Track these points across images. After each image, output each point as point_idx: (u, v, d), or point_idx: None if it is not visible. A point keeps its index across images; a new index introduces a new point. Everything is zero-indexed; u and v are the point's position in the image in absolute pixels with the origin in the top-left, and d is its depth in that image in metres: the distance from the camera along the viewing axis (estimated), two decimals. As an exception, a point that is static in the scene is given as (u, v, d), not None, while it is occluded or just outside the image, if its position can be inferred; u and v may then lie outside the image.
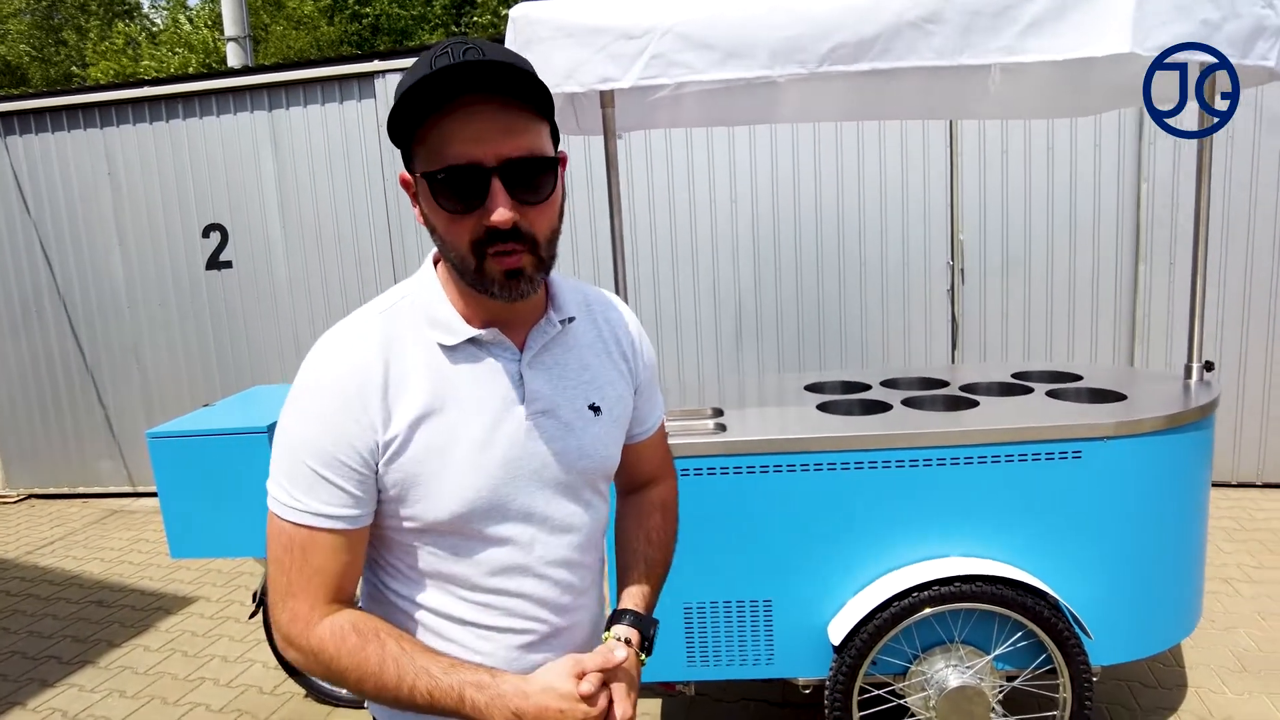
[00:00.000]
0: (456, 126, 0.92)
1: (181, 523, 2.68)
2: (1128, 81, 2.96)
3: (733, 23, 1.95)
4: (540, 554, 1.10)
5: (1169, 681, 2.95)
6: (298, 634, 1.00)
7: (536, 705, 0.95)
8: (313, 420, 0.99)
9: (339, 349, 1.01)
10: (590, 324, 1.17)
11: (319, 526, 0.99)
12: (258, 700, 3.19)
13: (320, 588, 1.00)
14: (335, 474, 0.98)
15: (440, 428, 1.01)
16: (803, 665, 2.40)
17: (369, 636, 0.98)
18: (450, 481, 1.02)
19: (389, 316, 1.05)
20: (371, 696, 0.99)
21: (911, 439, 2.27)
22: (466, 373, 1.04)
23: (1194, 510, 2.47)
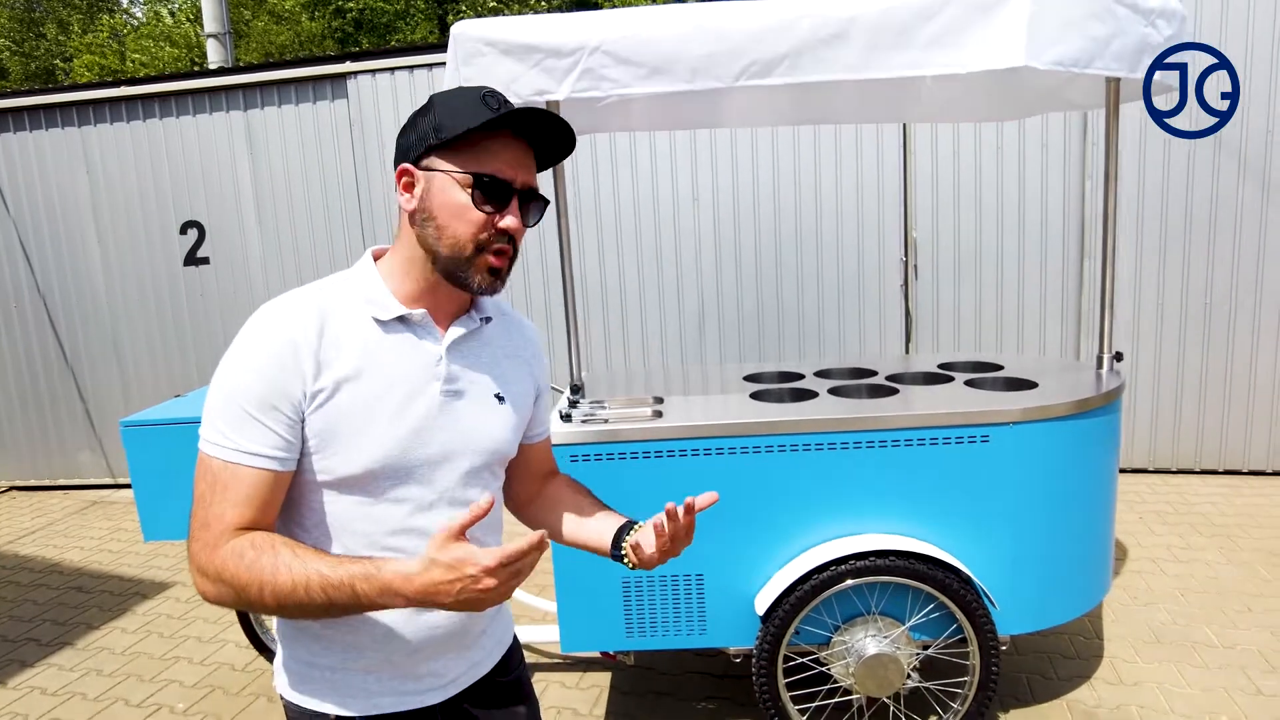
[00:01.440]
0: (503, 149, 1.15)
1: (153, 507, 2.83)
2: (1054, 88, 3.15)
3: (655, 41, 2.12)
4: (439, 521, 1.19)
5: (1087, 653, 3.15)
6: (205, 560, 1.07)
7: (423, 583, 0.99)
8: (248, 368, 1.09)
9: (277, 311, 1.13)
10: (504, 332, 1.34)
11: (245, 464, 1.08)
12: (229, 677, 3.35)
13: (235, 520, 1.08)
14: (266, 416, 1.08)
15: (363, 389, 1.13)
16: (733, 635, 2.58)
17: (263, 548, 1.05)
18: (365, 439, 1.13)
19: (326, 290, 1.18)
20: (275, 609, 1.05)
21: (831, 424, 2.45)
22: (392, 345, 1.17)
23: (1099, 490, 2.66)
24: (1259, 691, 2.83)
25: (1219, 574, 3.69)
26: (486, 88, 1.16)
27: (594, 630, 2.60)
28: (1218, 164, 4.61)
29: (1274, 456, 4.82)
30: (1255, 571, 3.69)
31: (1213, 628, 3.26)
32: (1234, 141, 4.57)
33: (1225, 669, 2.98)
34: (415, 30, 19.42)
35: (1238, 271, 4.69)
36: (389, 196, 5.39)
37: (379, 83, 5.26)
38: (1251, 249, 4.65)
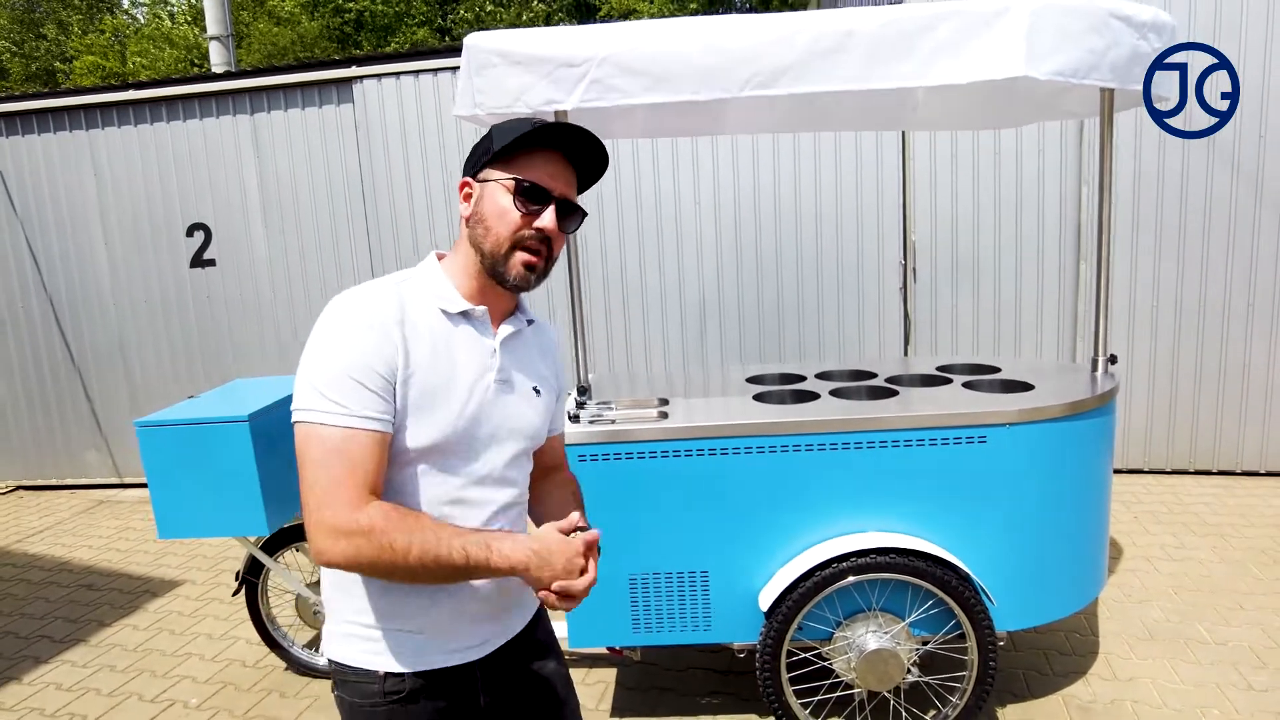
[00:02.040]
0: (544, 162, 1.32)
1: (168, 505, 2.88)
2: (1050, 97, 3.22)
3: (661, 53, 2.18)
4: (480, 495, 1.34)
5: (1082, 649, 3.22)
6: (346, 520, 1.17)
7: (544, 545, 1.23)
8: (351, 344, 1.21)
9: (364, 295, 1.27)
10: (536, 336, 1.51)
11: (362, 428, 1.20)
12: (241, 673, 3.41)
13: (362, 481, 1.20)
14: (372, 384, 1.21)
15: (435, 372, 1.28)
16: (737, 631, 2.65)
17: (406, 513, 1.21)
18: (435, 415, 1.27)
19: (398, 282, 1.32)
20: (416, 562, 1.18)
21: (833, 425, 2.51)
22: (458, 336, 1.33)
23: (1094, 489, 2.72)
24: (1250, 687, 2.90)
25: (1212, 572, 3.76)
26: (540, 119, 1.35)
27: (601, 626, 2.66)
28: (1211, 169, 4.68)
29: (1266, 457, 4.89)
30: (1247, 570, 3.76)
31: (1205, 625, 3.32)
32: (1227, 146, 4.64)
33: (1217, 665, 3.04)
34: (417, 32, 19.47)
35: (1231, 275, 4.76)
36: (394, 199, 5.45)
37: (384, 87, 5.32)
38: (1244, 253, 4.72)
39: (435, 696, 1.34)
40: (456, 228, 5.44)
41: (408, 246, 5.48)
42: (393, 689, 1.31)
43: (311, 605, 3.25)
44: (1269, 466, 4.90)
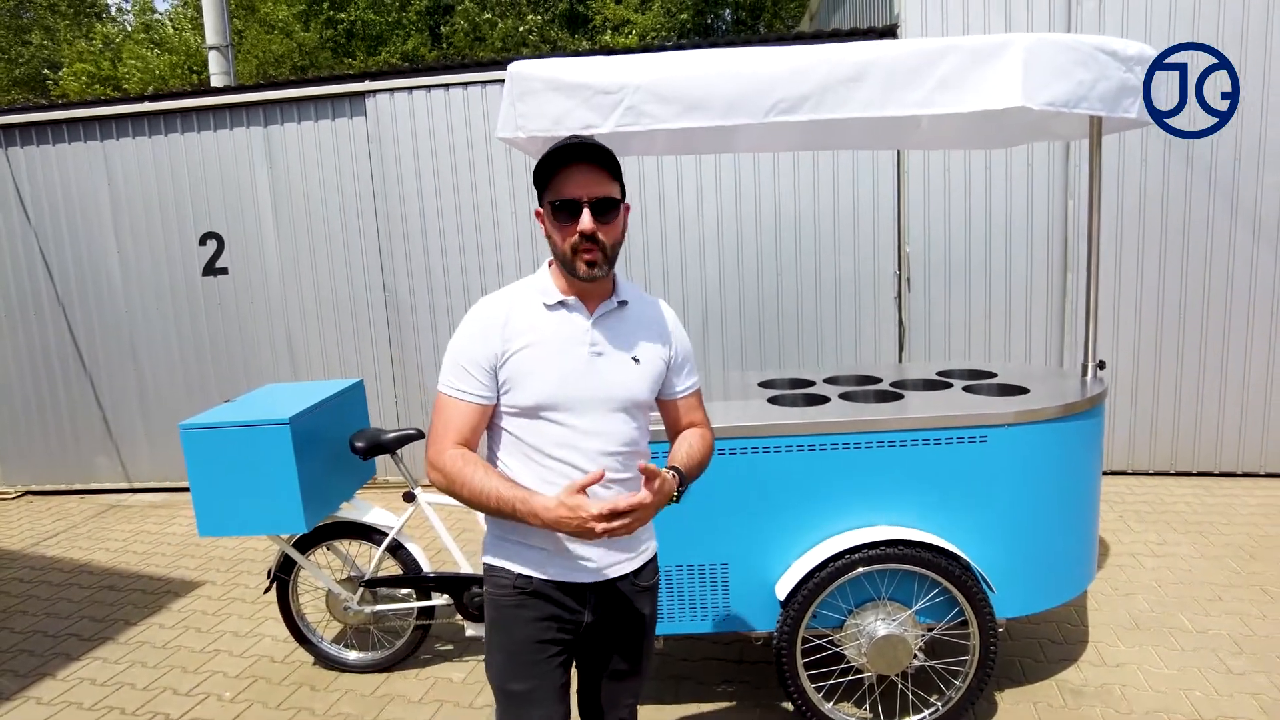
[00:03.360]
0: (568, 178, 1.64)
1: (210, 504, 3.02)
2: (1037, 121, 3.43)
3: (692, 82, 2.37)
4: (588, 442, 1.70)
5: (1073, 638, 3.42)
6: (435, 457, 1.67)
7: (552, 517, 1.56)
8: (465, 337, 1.70)
9: (485, 302, 1.74)
10: (644, 311, 1.83)
11: (459, 398, 1.69)
12: (270, 668, 3.54)
13: (454, 435, 1.68)
14: (472, 368, 1.69)
15: (534, 351, 1.68)
16: (755, 619, 2.82)
17: (469, 461, 1.66)
18: (535, 381, 1.67)
19: (516, 287, 1.77)
20: (468, 500, 1.64)
21: (845, 426, 2.69)
22: (554, 320, 1.72)
23: (1085, 486, 2.93)
24: (1229, 670, 3.11)
25: (1193, 567, 3.98)
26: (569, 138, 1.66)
27: (627, 616, 2.82)
28: (1190, 184, 4.93)
29: (1244, 458, 5.14)
30: (1226, 564, 3.98)
31: (1187, 615, 3.53)
32: (1204, 161, 4.89)
33: (1198, 651, 3.25)
34: (407, 41, 19.60)
35: (1209, 286, 5.00)
36: (405, 211, 5.60)
37: (397, 101, 5.47)
38: (1221, 265, 4.97)
39: (551, 601, 1.74)
40: (465, 237, 5.59)
41: (419, 258, 5.63)
42: (521, 586, 1.73)
43: (342, 601, 3.39)
44: (1246, 467, 5.15)
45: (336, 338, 5.86)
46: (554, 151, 1.62)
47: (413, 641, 3.43)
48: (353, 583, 3.40)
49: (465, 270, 5.62)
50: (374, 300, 5.77)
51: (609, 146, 1.67)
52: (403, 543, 3.34)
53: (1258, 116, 4.78)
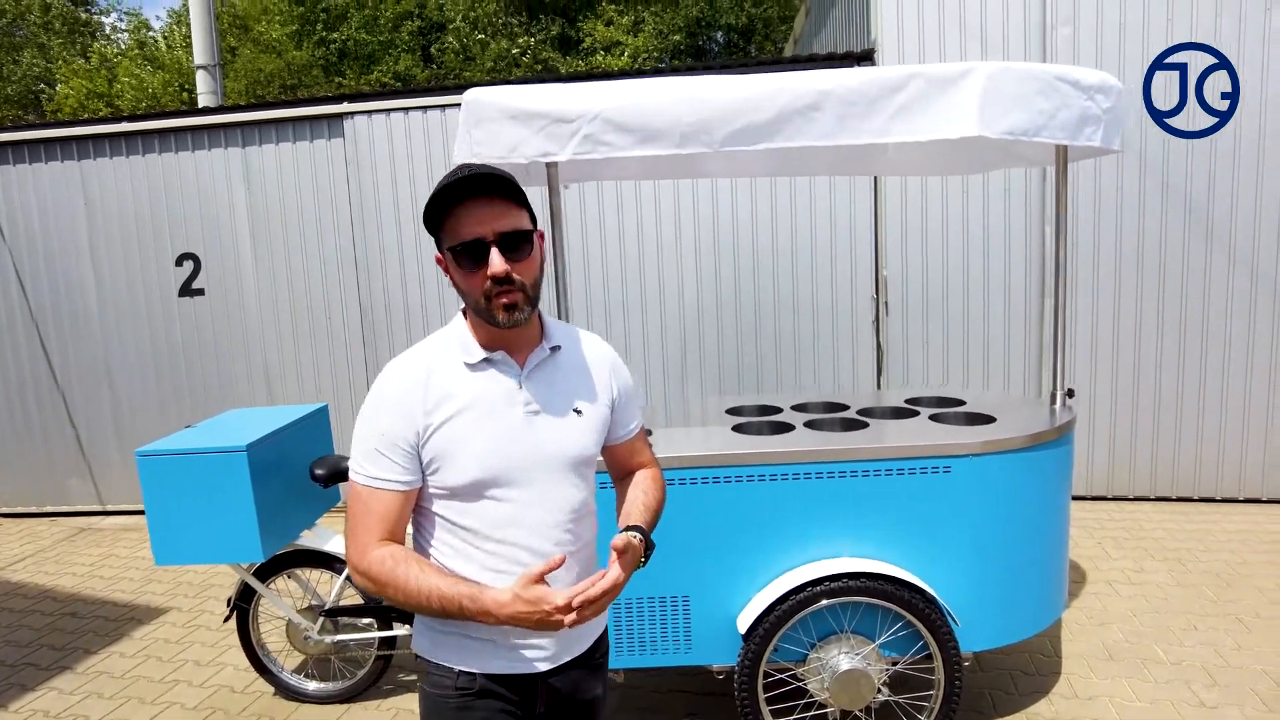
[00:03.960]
0: (465, 216, 1.41)
1: (166, 532, 2.96)
2: (1009, 147, 3.43)
3: (649, 110, 2.35)
4: (535, 516, 1.50)
5: (1046, 670, 3.37)
6: (357, 559, 1.44)
7: (509, 613, 1.36)
8: (376, 416, 1.46)
9: (396, 368, 1.50)
10: (579, 353, 1.63)
11: (378, 488, 1.45)
12: (230, 698, 3.46)
13: (375, 530, 1.45)
14: (389, 450, 1.45)
15: (462, 421, 1.46)
16: (716, 653, 2.77)
17: (400, 560, 1.42)
18: (467, 457, 1.45)
19: (430, 346, 1.53)
20: (403, 604, 1.41)
21: (806, 455, 2.66)
22: (481, 382, 1.49)
23: (1053, 516, 2.89)
24: (1202, 704, 3.06)
25: (1169, 595, 3.94)
26: (456, 170, 1.41)
27: (587, 649, 2.77)
28: (1165, 212, 4.94)
29: (1223, 484, 5.11)
30: (1202, 592, 3.95)
31: (1161, 645, 3.49)
32: (1179, 189, 4.90)
33: (1171, 683, 3.21)
34: (399, 61, 19.70)
35: (1185, 314, 5.00)
36: (383, 233, 5.58)
37: (375, 123, 5.47)
38: (1197, 291, 4.97)
39: (500, 697, 1.53)
40: (444, 260, 5.57)
41: (395, 280, 5.61)
42: (464, 685, 1.52)
43: (302, 631, 3.33)
44: (1225, 493, 5.12)
45: (313, 359, 5.81)
46: (444, 188, 1.38)
47: (374, 672, 3.36)
48: (313, 612, 3.34)
49: (442, 292, 5.59)
50: (350, 322, 5.73)
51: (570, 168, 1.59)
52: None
53: (1231, 145, 4.79)
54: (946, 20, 4.99)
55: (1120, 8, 4.79)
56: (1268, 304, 4.91)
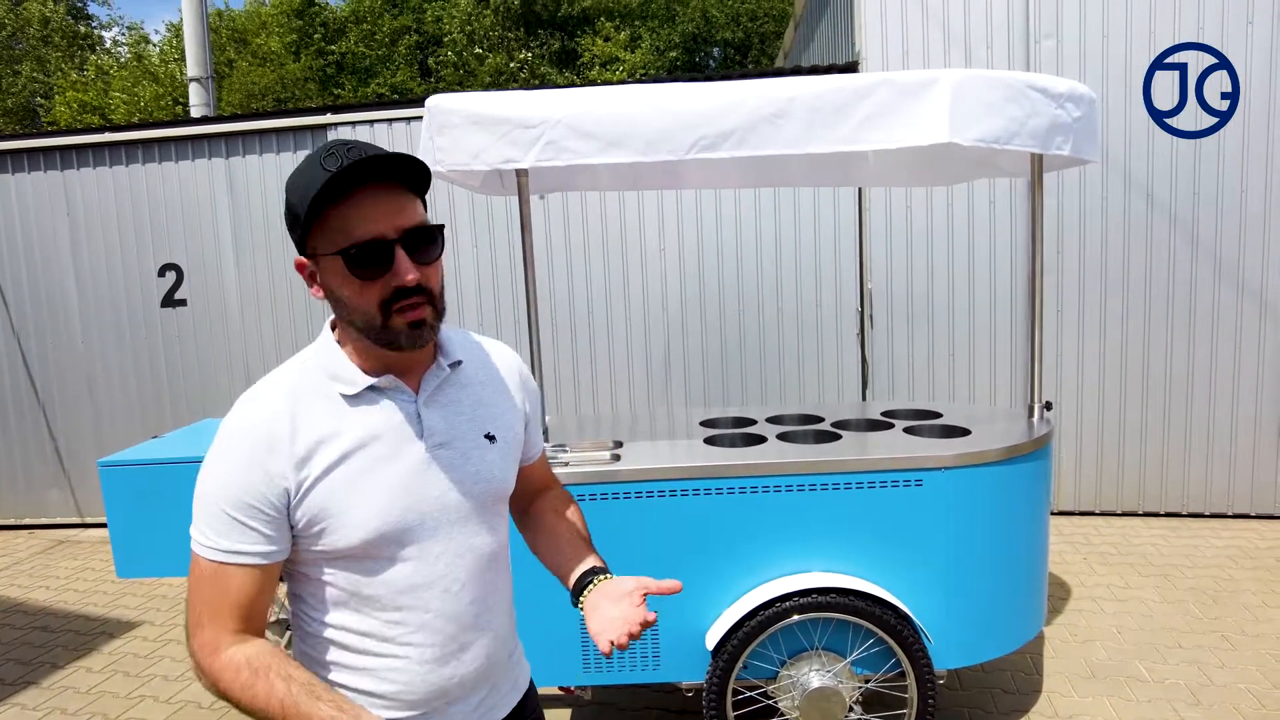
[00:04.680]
0: (356, 211, 1.10)
1: (127, 545, 2.92)
2: (985, 157, 3.41)
3: (612, 117, 2.32)
4: (446, 572, 1.22)
5: (1026, 688, 3.30)
6: (203, 660, 1.12)
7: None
8: (226, 470, 1.11)
9: (251, 406, 1.15)
10: (482, 365, 1.34)
11: (231, 563, 1.11)
12: (195, 714, 3.39)
13: (229, 618, 1.12)
14: (247, 517, 1.11)
15: (346, 467, 1.14)
16: (685, 670, 2.71)
17: (260, 673, 1.09)
18: (357, 513, 1.14)
19: (295, 376, 1.19)
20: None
21: (776, 468, 2.61)
22: (368, 417, 1.17)
23: (1029, 531, 2.84)
24: (1183, 723, 3.00)
25: (1154, 612, 3.88)
26: (328, 146, 1.12)
27: (552, 665, 2.71)
28: (1151, 225, 4.91)
29: (1212, 499, 5.06)
30: (1187, 609, 3.89)
31: (1145, 663, 3.43)
32: (1164, 202, 4.87)
33: (1153, 702, 3.14)
34: (396, 74, 19.78)
35: (1172, 328, 4.96)
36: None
37: (358, 134, 5.45)
38: (1184, 307, 4.93)
39: None
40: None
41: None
42: None
43: (269, 646, 3.26)
44: (1214, 508, 5.06)
45: (295, 370, 5.76)
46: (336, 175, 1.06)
47: (342, 689, 3.30)
48: (280, 626, 3.28)
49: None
50: (334, 333, 5.68)
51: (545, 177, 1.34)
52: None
53: (1215, 158, 4.77)
54: (930, 32, 4.99)
55: (1103, 17, 4.78)
56: (1255, 317, 4.88)
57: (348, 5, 20.92)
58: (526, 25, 20.87)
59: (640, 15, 20.80)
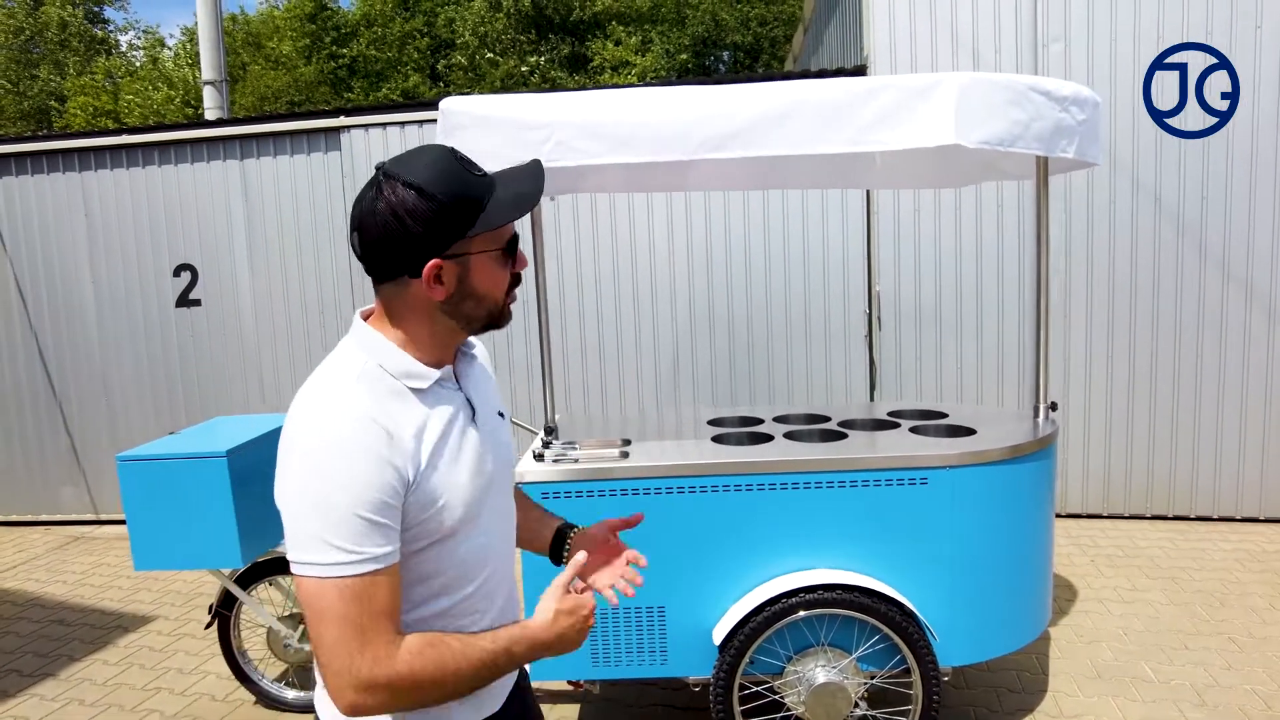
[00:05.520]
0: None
1: (145, 538, 2.97)
2: (990, 161, 3.43)
3: (620, 118, 2.37)
4: (500, 544, 1.35)
5: (1032, 688, 3.32)
6: (384, 672, 1.09)
7: (559, 630, 1.23)
8: (352, 476, 1.09)
9: (341, 412, 1.14)
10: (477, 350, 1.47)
11: (381, 568, 1.11)
12: (210, 706, 3.45)
13: (389, 626, 1.12)
14: (384, 516, 1.12)
15: (443, 453, 1.22)
16: (692, 665, 2.74)
17: (433, 643, 1.15)
18: (456, 493, 1.22)
19: (358, 379, 1.19)
20: (453, 690, 1.16)
21: (783, 465, 2.65)
22: (437, 405, 1.25)
23: (1034, 529, 2.86)
24: (1188, 723, 3.01)
25: (1160, 614, 3.89)
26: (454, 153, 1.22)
27: (560, 659, 2.75)
28: (1158, 229, 4.92)
29: (1219, 503, 5.05)
30: (1194, 611, 3.89)
31: (1151, 664, 3.44)
32: (1172, 207, 4.88)
33: (1159, 702, 3.15)
34: (408, 78, 19.90)
35: (1180, 331, 4.97)
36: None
37: (371, 137, 5.52)
38: (1191, 310, 4.94)
39: None
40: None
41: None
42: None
43: (283, 638, 3.31)
44: (1221, 512, 5.06)
45: (308, 370, 5.83)
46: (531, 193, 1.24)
47: (353, 682, 3.34)
48: (294, 619, 3.33)
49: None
50: (345, 334, 5.75)
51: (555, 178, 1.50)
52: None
53: (1223, 165, 4.78)
54: (938, 36, 5.01)
55: (1111, 19, 4.80)
56: (1263, 320, 4.87)
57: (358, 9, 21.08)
58: (537, 29, 20.98)
59: (651, 19, 20.87)
